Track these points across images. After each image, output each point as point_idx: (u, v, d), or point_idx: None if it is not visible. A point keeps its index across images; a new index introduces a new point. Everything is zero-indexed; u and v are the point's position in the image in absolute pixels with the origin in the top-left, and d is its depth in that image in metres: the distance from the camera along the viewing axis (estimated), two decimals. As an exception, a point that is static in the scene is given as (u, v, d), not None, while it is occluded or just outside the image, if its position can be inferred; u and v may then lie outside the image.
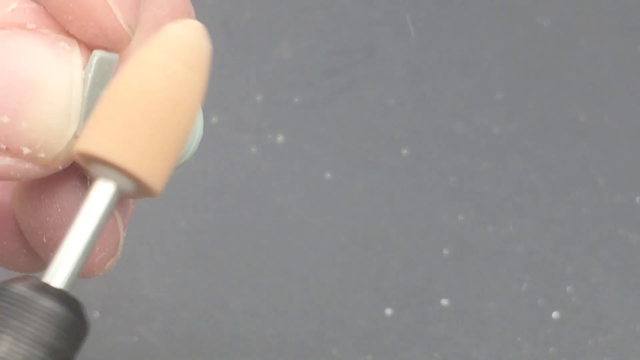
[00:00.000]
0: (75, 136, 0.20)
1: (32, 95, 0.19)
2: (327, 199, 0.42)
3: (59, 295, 0.19)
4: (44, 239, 0.22)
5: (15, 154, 0.20)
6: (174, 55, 0.19)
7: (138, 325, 0.38)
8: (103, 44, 0.20)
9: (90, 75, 0.20)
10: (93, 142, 0.19)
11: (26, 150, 0.20)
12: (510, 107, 0.46)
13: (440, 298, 0.39)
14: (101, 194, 0.19)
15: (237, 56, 0.47)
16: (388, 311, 0.39)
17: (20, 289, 0.18)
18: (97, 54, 0.20)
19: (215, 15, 0.48)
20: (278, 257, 0.40)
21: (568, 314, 0.39)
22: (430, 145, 0.45)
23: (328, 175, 0.43)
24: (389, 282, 0.40)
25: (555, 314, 0.39)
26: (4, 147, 0.19)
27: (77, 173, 0.22)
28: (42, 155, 0.20)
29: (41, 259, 0.24)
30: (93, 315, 0.38)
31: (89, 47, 0.20)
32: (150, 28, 0.22)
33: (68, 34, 0.20)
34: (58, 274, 0.19)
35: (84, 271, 0.22)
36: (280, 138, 0.45)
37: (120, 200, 0.22)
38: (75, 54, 0.20)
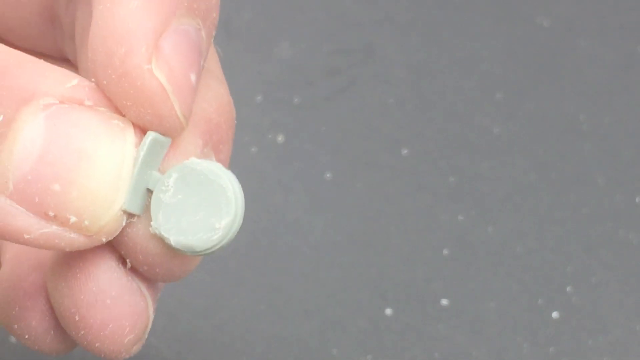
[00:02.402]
0: (122, 210, 0.21)
1: (84, 166, 0.20)
2: (327, 199, 0.42)
3: None
4: (77, 317, 0.23)
5: (62, 222, 0.20)
6: None
7: (138, 325, 0.38)
8: (157, 130, 0.21)
9: (142, 154, 0.21)
10: None
11: (73, 219, 0.21)
12: (510, 107, 0.46)
13: (440, 298, 0.39)
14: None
15: (237, 56, 0.47)
16: (388, 311, 0.39)
17: None
18: (151, 135, 0.21)
19: (215, 15, 0.48)
20: (278, 257, 0.40)
21: (568, 314, 0.39)
22: (430, 145, 0.45)
23: (328, 175, 0.43)
24: (389, 282, 0.40)
25: (555, 314, 0.39)
26: (52, 214, 0.20)
27: (114, 254, 0.23)
28: (87, 223, 0.21)
29: (67, 341, 0.25)
30: (93, 315, 0.38)
31: (142, 129, 0.21)
32: (198, 120, 0.23)
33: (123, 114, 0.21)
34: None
35: (109, 352, 0.23)
36: (280, 138, 0.45)
37: (150, 284, 0.23)
38: (128, 132, 0.21)
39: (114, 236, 0.22)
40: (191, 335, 0.38)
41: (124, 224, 0.22)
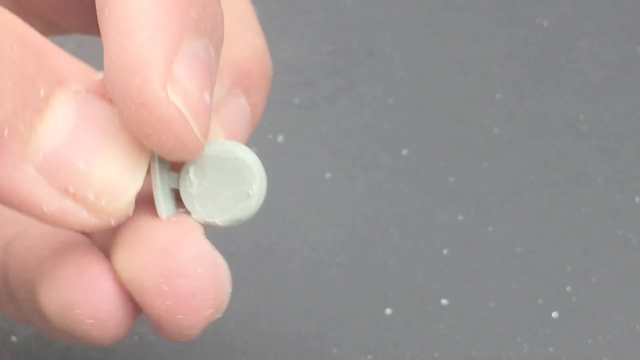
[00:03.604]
0: (134, 199, 0.23)
1: (109, 150, 0.22)
2: (327, 199, 0.42)
3: None
4: (165, 287, 0.24)
5: (80, 199, 0.22)
6: None
7: (138, 325, 0.38)
8: (180, 155, 0.23)
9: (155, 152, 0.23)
10: None
11: (90, 198, 0.22)
12: (510, 107, 0.46)
13: (440, 298, 0.39)
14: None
15: (237, 56, 0.47)
16: (388, 311, 0.39)
17: None
18: None
19: (215, 15, 0.48)
20: (278, 257, 0.40)
21: (568, 314, 0.39)
22: (430, 145, 0.45)
23: (328, 175, 0.43)
24: (389, 282, 0.40)
25: (555, 314, 0.39)
26: (72, 190, 0.22)
27: (201, 227, 0.24)
28: (103, 204, 0.22)
29: (129, 322, 0.26)
30: (93, 315, 0.38)
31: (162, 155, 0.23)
32: (226, 63, 0.25)
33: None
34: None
35: (188, 325, 0.24)
36: (280, 138, 0.45)
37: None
38: None
39: (122, 221, 0.23)
40: (191, 335, 0.38)
41: (130, 213, 0.23)
